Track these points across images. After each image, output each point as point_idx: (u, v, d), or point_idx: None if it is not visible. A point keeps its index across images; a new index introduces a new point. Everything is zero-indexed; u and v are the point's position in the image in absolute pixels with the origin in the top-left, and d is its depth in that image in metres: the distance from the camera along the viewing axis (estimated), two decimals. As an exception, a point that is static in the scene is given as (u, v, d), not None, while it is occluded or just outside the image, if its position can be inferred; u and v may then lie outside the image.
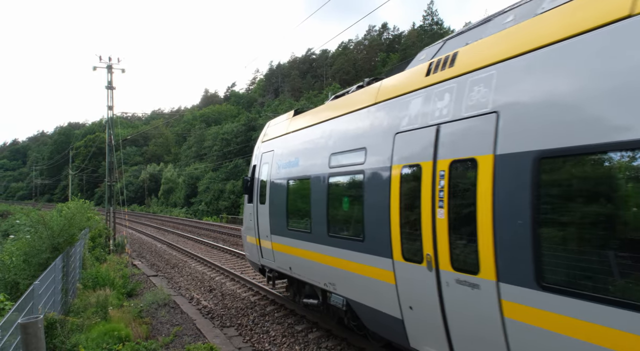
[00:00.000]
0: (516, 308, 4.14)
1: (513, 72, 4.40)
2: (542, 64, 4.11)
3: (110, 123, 25.63)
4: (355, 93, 7.83)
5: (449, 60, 5.42)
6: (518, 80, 4.33)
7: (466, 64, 5.09)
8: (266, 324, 10.11)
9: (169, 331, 9.85)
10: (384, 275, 6.10)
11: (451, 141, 4.98)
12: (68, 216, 13.13)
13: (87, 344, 7.96)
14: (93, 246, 19.98)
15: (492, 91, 4.57)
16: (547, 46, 4.11)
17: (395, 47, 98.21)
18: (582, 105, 3.69)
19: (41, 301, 7.66)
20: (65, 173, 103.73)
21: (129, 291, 13.88)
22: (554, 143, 3.81)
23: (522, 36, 4.48)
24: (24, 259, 11.76)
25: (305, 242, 8.41)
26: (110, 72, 25.22)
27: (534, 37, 4.28)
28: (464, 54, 5.26)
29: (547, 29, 4.19)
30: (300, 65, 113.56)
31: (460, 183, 4.86)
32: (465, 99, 4.89)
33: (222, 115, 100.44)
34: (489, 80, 4.65)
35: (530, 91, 4.16)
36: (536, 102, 4.06)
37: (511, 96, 4.35)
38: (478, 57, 4.95)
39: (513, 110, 4.28)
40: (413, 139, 5.64)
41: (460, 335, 4.91)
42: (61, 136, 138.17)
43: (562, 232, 3.83)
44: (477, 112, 4.66)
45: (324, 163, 7.86)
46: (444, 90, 5.26)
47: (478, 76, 4.81)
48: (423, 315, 5.45)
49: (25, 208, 64.52)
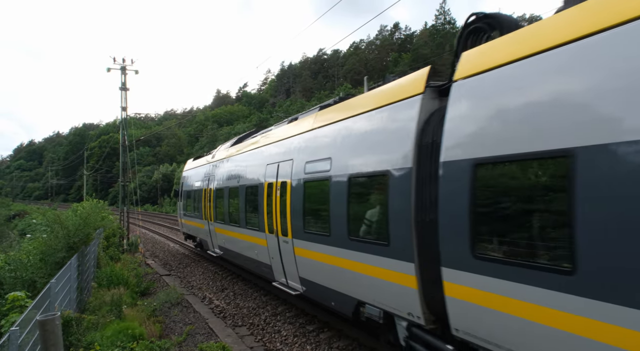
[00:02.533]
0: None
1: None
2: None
3: (124, 124, 25.94)
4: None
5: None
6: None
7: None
8: (278, 324, 10.16)
9: (181, 330, 9.95)
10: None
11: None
12: (83, 216, 13.34)
13: (102, 342, 8.07)
14: (107, 245, 20.24)
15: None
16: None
17: (407, 46, 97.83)
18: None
19: (57, 299, 7.80)
20: (80, 173, 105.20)
21: (142, 290, 14.05)
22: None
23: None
24: (40, 258, 11.98)
25: (193, 218, 19.26)
26: (123, 74, 25.52)
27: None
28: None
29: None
30: (312, 66, 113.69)
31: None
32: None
33: (234, 115, 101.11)
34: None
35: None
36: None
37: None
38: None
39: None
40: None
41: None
42: (76, 137, 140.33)
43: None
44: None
45: (201, 184, 18.01)
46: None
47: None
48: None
49: (41, 208, 65.56)
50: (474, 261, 4.67)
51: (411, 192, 5.70)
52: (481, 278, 4.60)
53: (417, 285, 5.67)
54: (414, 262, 5.71)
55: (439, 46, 76.97)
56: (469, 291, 4.77)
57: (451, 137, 5.06)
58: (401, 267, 5.93)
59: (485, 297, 4.57)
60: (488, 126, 4.71)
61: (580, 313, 3.69)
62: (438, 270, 5.19)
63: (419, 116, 5.79)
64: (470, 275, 4.73)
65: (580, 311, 3.68)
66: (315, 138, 8.78)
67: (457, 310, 5.01)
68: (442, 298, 5.16)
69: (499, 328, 4.53)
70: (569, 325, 3.78)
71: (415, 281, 5.69)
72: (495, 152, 4.48)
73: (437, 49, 73.36)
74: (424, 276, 5.63)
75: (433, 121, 5.65)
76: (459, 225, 4.80)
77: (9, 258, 12.78)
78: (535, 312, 4.07)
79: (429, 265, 5.44)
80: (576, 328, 3.72)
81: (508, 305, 4.34)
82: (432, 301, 5.55)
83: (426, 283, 5.60)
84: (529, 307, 4.13)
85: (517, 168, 4.42)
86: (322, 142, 8.49)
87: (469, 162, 4.74)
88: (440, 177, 5.14)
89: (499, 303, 4.43)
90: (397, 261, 6.01)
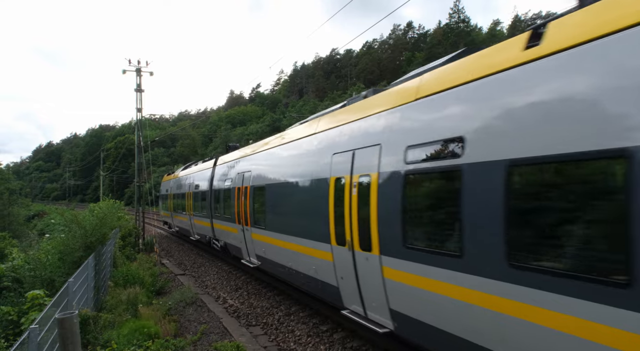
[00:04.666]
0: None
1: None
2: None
3: (139, 125, 26.27)
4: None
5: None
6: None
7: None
8: (291, 323, 10.18)
9: (196, 329, 10.04)
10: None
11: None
12: (100, 216, 13.56)
13: (119, 340, 8.19)
14: (123, 245, 20.54)
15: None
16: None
17: (421, 46, 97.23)
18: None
19: (75, 298, 7.94)
20: (96, 174, 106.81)
21: (157, 289, 14.21)
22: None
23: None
24: (59, 257, 12.21)
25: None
26: (139, 75, 25.86)
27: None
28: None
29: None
30: (325, 66, 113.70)
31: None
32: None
33: (247, 116, 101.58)
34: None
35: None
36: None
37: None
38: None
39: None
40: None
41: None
42: (93, 138, 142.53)
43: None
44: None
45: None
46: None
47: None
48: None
49: (59, 208, 66.11)
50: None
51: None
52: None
53: None
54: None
55: (453, 45, 76.34)
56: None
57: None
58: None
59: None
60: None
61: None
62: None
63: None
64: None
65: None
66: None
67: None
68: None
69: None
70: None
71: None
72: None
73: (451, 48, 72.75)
74: None
75: None
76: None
77: (28, 257, 13.06)
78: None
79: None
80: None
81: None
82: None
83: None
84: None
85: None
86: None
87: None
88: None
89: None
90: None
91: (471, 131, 5.14)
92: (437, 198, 5.88)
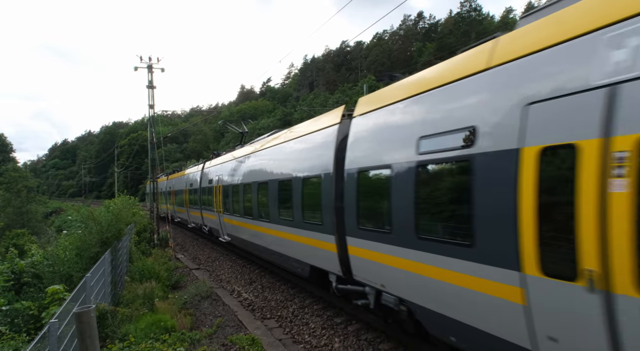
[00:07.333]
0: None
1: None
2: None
3: (151, 121, 26.46)
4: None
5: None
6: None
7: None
8: (305, 316, 10.24)
9: (212, 322, 10.15)
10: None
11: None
12: (115, 212, 13.75)
13: (136, 334, 8.33)
14: (139, 240, 20.80)
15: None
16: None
17: (432, 36, 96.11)
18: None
19: (93, 293, 8.07)
20: (111, 170, 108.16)
21: (173, 284, 14.39)
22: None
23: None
24: (76, 253, 12.42)
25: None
26: (150, 72, 25.97)
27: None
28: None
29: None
30: (335, 58, 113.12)
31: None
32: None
33: (259, 110, 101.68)
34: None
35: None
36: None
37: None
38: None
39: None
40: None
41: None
42: (107, 135, 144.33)
43: None
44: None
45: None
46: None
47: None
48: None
49: (75, 205, 67.48)
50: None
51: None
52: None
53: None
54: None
55: (464, 34, 75.29)
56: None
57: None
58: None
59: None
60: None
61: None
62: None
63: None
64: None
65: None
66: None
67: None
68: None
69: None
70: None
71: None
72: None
73: (462, 37, 71.76)
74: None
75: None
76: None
77: (47, 253, 13.31)
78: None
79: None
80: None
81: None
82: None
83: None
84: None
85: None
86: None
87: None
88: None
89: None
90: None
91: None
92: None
